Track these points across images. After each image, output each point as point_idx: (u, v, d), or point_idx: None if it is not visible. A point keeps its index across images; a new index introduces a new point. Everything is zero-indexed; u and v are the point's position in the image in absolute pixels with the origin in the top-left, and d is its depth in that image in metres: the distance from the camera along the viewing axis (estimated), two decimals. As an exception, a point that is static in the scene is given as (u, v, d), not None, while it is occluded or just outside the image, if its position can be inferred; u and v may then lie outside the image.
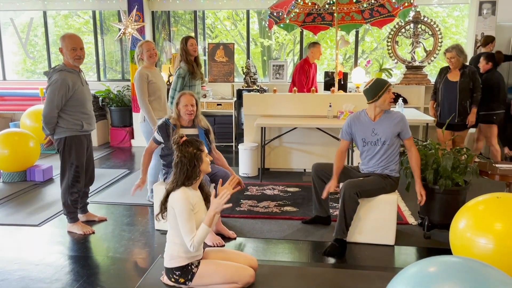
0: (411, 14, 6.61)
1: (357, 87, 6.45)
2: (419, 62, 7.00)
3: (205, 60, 7.60)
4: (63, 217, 4.01)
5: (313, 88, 6.03)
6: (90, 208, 4.20)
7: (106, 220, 4.12)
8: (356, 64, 7.55)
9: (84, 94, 3.73)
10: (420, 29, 6.95)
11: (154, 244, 3.60)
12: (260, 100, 5.72)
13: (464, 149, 3.75)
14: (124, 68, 8.07)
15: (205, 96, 7.14)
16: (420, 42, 7.01)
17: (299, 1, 5.82)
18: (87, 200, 4.13)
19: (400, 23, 6.92)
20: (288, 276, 3.00)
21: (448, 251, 2.96)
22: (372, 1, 5.91)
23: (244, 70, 7.35)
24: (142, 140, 6.76)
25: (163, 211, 2.78)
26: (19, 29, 8.42)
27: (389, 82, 3.50)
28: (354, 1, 5.93)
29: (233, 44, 7.79)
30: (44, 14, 8.04)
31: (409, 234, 3.73)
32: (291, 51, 10.33)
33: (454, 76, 5.07)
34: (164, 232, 3.38)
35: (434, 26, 6.89)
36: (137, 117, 6.10)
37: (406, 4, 5.52)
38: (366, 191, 3.43)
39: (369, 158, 3.59)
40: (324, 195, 3.62)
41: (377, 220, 3.51)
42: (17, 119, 7.91)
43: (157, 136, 3.70)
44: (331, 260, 3.29)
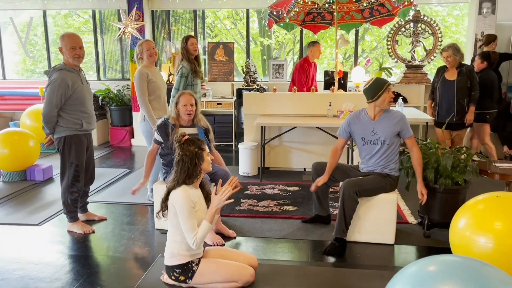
0: (411, 13, 6.60)
1: (357, 86, 6.45)
2: (419, 61, 7.00)
3: (205, 59, 7.60)
4: (63, 216, 4.01)
5: (313, 87, 6.03)
6: (90, 207, 4.20)
7: (106, 219, 4.13)
8: (356, 63, 7.55)
9: (84, 93, 3.73)
10: (420, 28, 6.95)
11: (154, 243, 3.60)
12: (260, 99, 5.72)
13: (464, 148, 3.76)
14: (124, 68, 8.06)
15: (205, 95, 7.13)
16: (420, 41, 7.01)
17: (298, 0, 5.82)
18: (87, 200, 4.13)
19: (400, 22, 6.92)
20: (288, 275, 3.00)
21: (448, 250, 2.97)
22: (372, 0, 5.90)
23: (244, 69, 7.35)
24: (142, 139, 6.75)
25: (163, 209, 2.78)
26: (19, 28, 8.42)
27: (388, 82, 3.49)
28: (354, 0, 5.93)
29: (233, 43, 7.79)
30: (44, 13, 8.04)
31: (409, 233, 3.73)
32: (291, 50, 10.33)
33: (451, 75, 5.07)
34: (164, 231, 3.38)
35: (434, 25, 6.89)
36: (137, 117, 6.10)
37: (406, 3, 5.51)
38: (366, 190, 3.43)
39: (368, 157, 3.59)
40: (312, 188, 3.70)
41: (377, 219, 3.51)
42: (17, 118, 7.91)
43: (157, 136, 3.70)
44: (331, 259, 3.30)
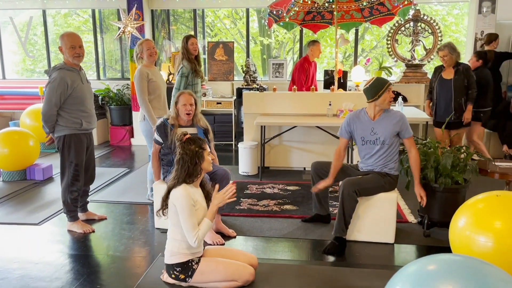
0: (411, 12, 6.60)
1: (357, 86, 6.45)
2: (419, 61, 7.00)
3: (204, 58, 7.59)
4: (63, 215, 4.02)
5: (312, 86, 6.03)
6: (90, 206, 4.20)
7: (106, 218, 4.13)
8: (355, 63, 7.55)
9: (84, 92, 3.73)
10: (419, 27, 6.95)
11: (154, 243, 3.60)
12: (259, 98, 5.72)
13: (464, 147, 3.76)
14: (124, 67, 8.06)
15: (204, 94, 7.13)
16: (419, 40, 7.00)
17: (298, -1, 5.82)
18: (87, 199, 4.13)
19: (399, 22, 6.92)
20: (287, 274, 3.00)
21: (447, 249, 2.96)
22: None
23: (244, 68, 7.34)
24: (141, 138, 6.75)
25: (164, 208, 2.79)
26: (19, 28, 8.41)
27: (389, 82, 3.48)
28: (354, -1, 5.94)
29: (233, 42, 7.79)
30: (44, 13, 8.03)
31: (409, 232, 3.73)
32: (290, 49, 10.32)
33: (448, 74, 5.06)
34: (164, 231, 3.38)
35: (434, 24, 6.88)
36: (137, 116, 6.09)
37: (405, 2, 5.51)
38: (365, 189, 3.43)
39: (368, 157, 3.58)
40: (314, 190, 3.67)
41: (376, 219, 3.51)
42: (17, 118, 7.91)
43: (157, 137, 3.70)
44: (331, 258, 3.30)
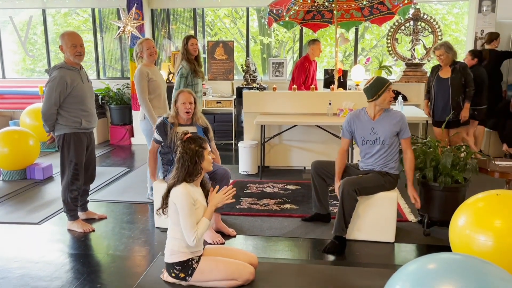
0: (411, 11, 6.61)
1: (357, 85, 6.45)
2: (419, 60, 7.00)
3: (204, 58, 7.59)
4: (63, 215, 4.02)
5: (312, 85, 6.03)
6: (90, 206, 4.20)
7: (106, 218, 4.13)
8: (355, 62, 7.54)
9: (84, 91, 3.73)
10: (419, 27, 6.94)
11: (154, 242, 3.60)
12: (259, 97, 5.72)
13: (464, 146, 3.75)
14: (124, 66, 8.06)
15: (204, 94, 7.13)
16: (419, 39, 7.00)
17: (298, -2, 5.81)
18: (87, 198, 4.13)
19: (399, 21, 6.91)
20: (287, 274, 3.00)
21: (447, 248, 2.96)
22: (372, -1, 5.91)
23: (244, 68, 7.34)
24: (142, 138, 6.76)
25: (164, 207, 2.79)
26: (19, 27, 8.41)
27: (389, 81, 3.48)
28: (354, -2, 5.93)
29: (233, 42, 7.78)
30: (43, 12, 8.03)
31: (409, 231, 3.73)
32: (290, 48, 10.33)
33: (445, 73, 5.06)
34: (164, 230, 3.38)
35: (434, 23, 6.88)
36: (137, 115, 6.09)
37: (405, 2, 5.51)
38: (365, 188, 3.43)
39: (368, 156, 3.58)
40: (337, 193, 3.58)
41: (376, 218, 3.51)
42: (17, 117, 7.91)
43: (156, 135, 3.70)
44: (331, 258, 3.30)
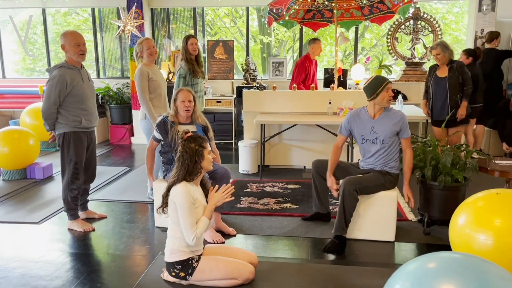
0: (411, 10, 6.61)
1: (357, 84, 6.45)
2: (419, 59, 6.99)
3: (204, 57, 7.59)
4: (63, 214, 4.02)
5: (313, 85, 6.03)
6: (90, 205, 4.20)
7: (106, 217, 4.13)
8: (355, 61, 7.54)
9: (84, 90, 3.72)
10: (419, 26, 6.94)
11: (154, 241, 3.60)
12: (259, 97, 5.72)
13: (464, 145, 3.75)
14: (124, 66, 8.05)
15: (204, 93, 7.12)
16: (419, 38, 7.00)
17: (298, -2, 5.81)
18: (88, 198, 4.13)
19: (399, 20, 6.91)
20: (288, 273, 3.01)
21: (447, 247, 2.97)
22: (372, -2, 5.91)
23: (244, 67, 7.34)
24: (142, 137, 6.76)
25: (164, 206, 2.79)
26: (18, 27, 8.41)
27: (388, 80, 3.47)
28: (354, -3, 5.93)
29: (233, 41, 7.78)
30: (43, 11, 8.02)
31: (409, 231, 3.73)
32: (290, 48, 10.32)
33: (442, 72, 5.06)
34: (164, 229, 3.39)
35: (434, 22, 6.88)
36: (137, 115, 6.10)
37: (405, 1, 5.52)
38: (366, 187, 3.43)
39: (368, 155, 3.58)
40: (335, 194, 3.58)
41: (377, 217, 3.51)
42: (17, 117, 7.91)
43: (156, 134, 3.70)
44: (331, 257, 3.30)
